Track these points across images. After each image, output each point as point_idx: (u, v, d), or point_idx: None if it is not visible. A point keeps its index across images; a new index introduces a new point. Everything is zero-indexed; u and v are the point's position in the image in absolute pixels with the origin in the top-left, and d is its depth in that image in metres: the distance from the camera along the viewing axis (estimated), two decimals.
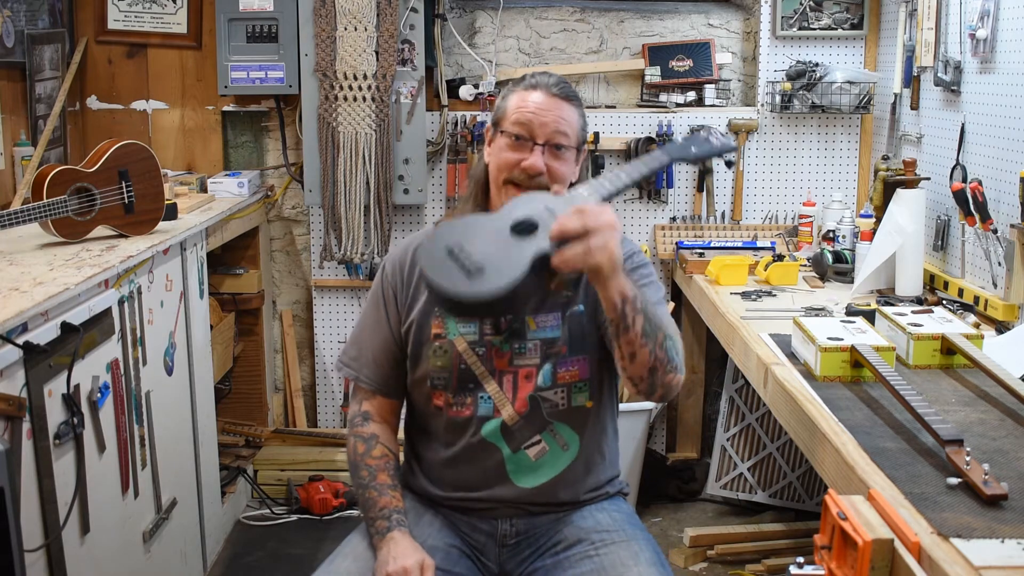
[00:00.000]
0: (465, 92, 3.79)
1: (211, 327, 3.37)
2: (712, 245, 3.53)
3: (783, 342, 2.41)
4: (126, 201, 2.86)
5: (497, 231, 1.65)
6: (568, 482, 1.95)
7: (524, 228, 1.64)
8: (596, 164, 3.76)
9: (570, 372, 1.91)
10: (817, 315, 2.64)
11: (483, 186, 1.95)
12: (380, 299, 2.00)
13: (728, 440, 3.74)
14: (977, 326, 2.50)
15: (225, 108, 3.95)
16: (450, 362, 1.91)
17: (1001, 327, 2.54)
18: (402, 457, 2.08)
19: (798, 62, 3.69)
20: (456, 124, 3.78)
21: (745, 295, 2.97)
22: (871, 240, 2.99)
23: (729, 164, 2.12)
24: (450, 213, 2.00)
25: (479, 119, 3.75)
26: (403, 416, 2.07)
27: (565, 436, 1.93)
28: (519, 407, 1.90)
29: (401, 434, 2.07)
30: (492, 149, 1.93)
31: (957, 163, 2.96)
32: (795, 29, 3.73)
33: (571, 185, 1.90)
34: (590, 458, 1.97)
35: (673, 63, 3.86)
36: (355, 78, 3.57)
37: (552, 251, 1.59)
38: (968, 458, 1.61)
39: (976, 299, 2.75)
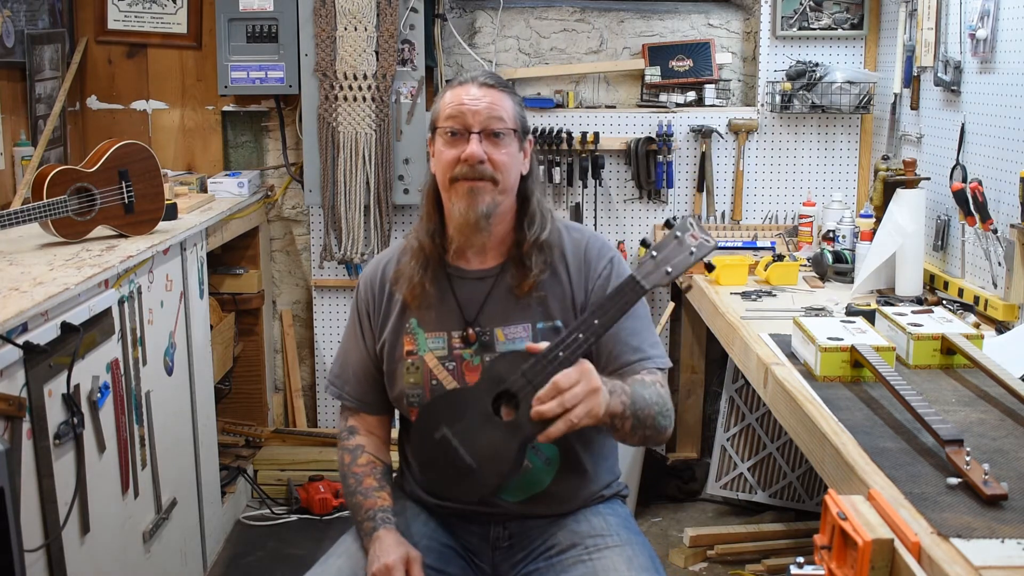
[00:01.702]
0: None
1: (211, 327, 3.37)
2: None
3: (783, 342, 2.41)
4: (126, 201, 2.86)
5: (479, 410, 1.72)
6: (556, 496, 1.93)
7: (505, 400, 1.72)
8: (596, 164, 3.76)
9: None
10: (817, 315, 2.64)
11: (434, 199, 1.93)
12: (356, 318, 2.01)
13: (728, 440, 3.74)
14: (977, 326, 2.50)
15: (225, 108, 3.95)
16: (422, 378, 1.91)
17: (1001, 327, 2.54)
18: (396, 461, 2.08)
19: (798, 62, 3.70)
20: None
21: (745, 295, 2.97)
22: (871, 240, 2.98)
23: (710, 268, 2.02)
24: (412, 231, 1.98)
25: None
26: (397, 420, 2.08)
27: (546, 452, 1.91)
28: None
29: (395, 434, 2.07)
30: (434, 156, 1.90)
31: (957, 163, 2.96)
32: (795, 29, 3.73)
33: (524, 179, 1.90)
34: (576, 471, 1.95)
35: (673, 63, 3.86)
36: (355, 78, 3.57)
37: (535, 433, 1.65)
38: (968, 458, 1.61)
39: (976, 299, 2.75)
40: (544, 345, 1.71)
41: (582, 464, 1.96)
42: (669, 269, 1.70)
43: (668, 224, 3.58)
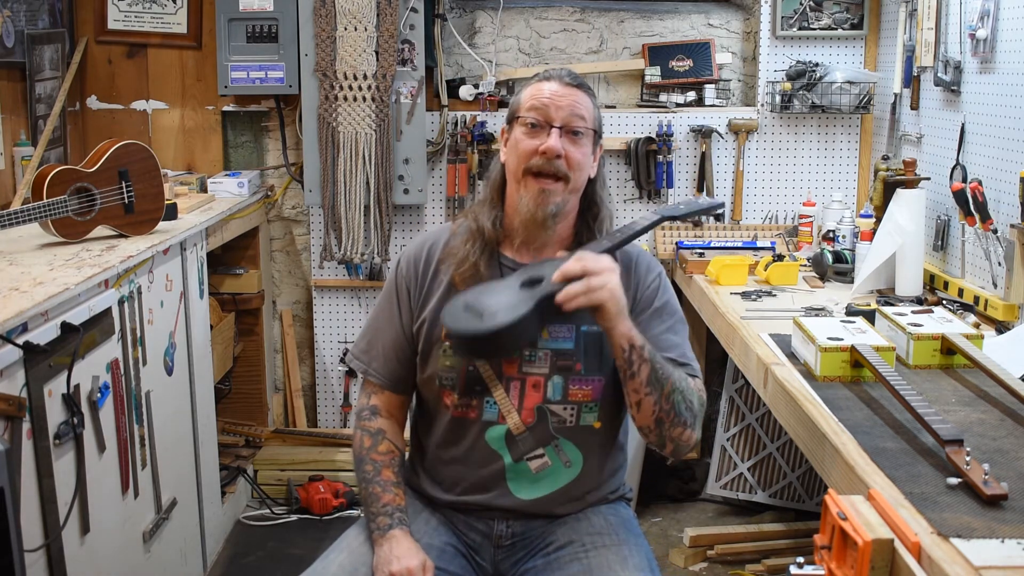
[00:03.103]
0: (465, 92, 3.79)
1: (211, 327, 3.37)
2: (712, 245, 3.53)
3: (783, 342, 2.41)
4: (126, 201, 2.86)
5: (508, 287, 1.80)
6: (567, 498, 1.94)
7: (532, 282, 1.78)
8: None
9: (583, 391, 1.90)
10: (817, 315, 2.64)
11: (499, 187, 1.94)
12: (394, 295, 1.99)
13: (728, 440, 3.74)
14: (977, 326, 2.50)
15: (225, 108, 3.95)
16: (459, 363, 1.90)
17: (1001, 327, 2.54)
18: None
19: (798, 62, 3.69)
20: (456, 124, 3.78)
21: (745, 295, 2.97)
22: (871, 240, 2.98)
23: (718, 218, 2.23)
24: (463, 213, 2.00)
25: (479, 119, 3.75)
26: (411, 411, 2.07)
27: (569, 453, 1.92)
28: (526, 418, 1.89)
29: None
30: (508, 145, 1.91)
31: (957, 163, 2.96)
32: (795, 29, 3.73)
33: (590, 181, 1.94)
34: (593, 477, 1.96)
35: (673, 63, 3.86)
36: (355, 78, 3.57)
37: (555, 290, 1.71)
38: (968, 458, 1.61)
39: (976, 299, 2.75)
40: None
41: (599, 473, 1.97)
42: (682, 206, 1.96)
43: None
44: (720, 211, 2.10)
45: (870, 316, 2.43)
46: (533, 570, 1.91)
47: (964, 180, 2.88)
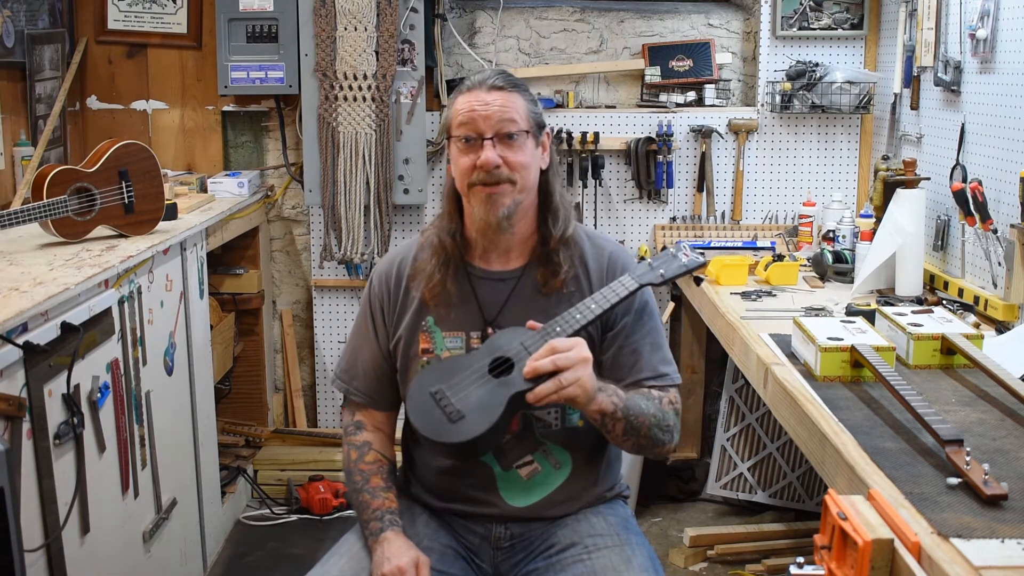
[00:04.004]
0: None
1: (211, 327, 3.37)
2: (712, 245, 3.53)
3: (783, 342, 2.41)
4: (126, 201, 2.86)
5: (476, 372, 1.79)
6: (561, 500, 1.94)
7: (500, 367, 1.78)
8: (596, 164, 3.76)
9: None
10: (817, 315, 2.64)
11: (454, 200, 1.94)
12: (368, 315, 2.00)
13: (728, 440, 3.74)
14: (977, 326, 2.50)
15: (225, 108, 3.95)
16: None
17: (1001, 327, 2.54)
18: (400, 461, 2.08)
19: (798, 62, 3.69)
20: None
21: (745, 295, 2.97)
22: (871, 240, 2.98)
23: (698, 281, 2.18)
24: (430, 225, 2.00)
25: None
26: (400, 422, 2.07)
27: (558, 456, 1.92)
28: (512, 426, 1.89)
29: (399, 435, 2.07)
30: (452, 161, 1.91)
31: (957, 163, 2.96)
32: (795, 29, 3.73)
33: (544, 172, 1.91)
34: (585, 476, 1.96)
35: (673, 63, 3.86)
36: (355, 78, 3.57)
37: (526, 389, 1.72)
38: (968, 458, 1.61)
39: (976, 299, 2.75)
40: (543, 327, 1.79)
41: (590, 470, 1.97)
42: (663, 272, 1.90)
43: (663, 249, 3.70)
44: (702, 273, 2.05)
45: (870, 316, 2.43)
46: (535, 572, 1.91)
47: (964, 180, 2.88)
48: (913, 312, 2.40)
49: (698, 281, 2.15)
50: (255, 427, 3.91)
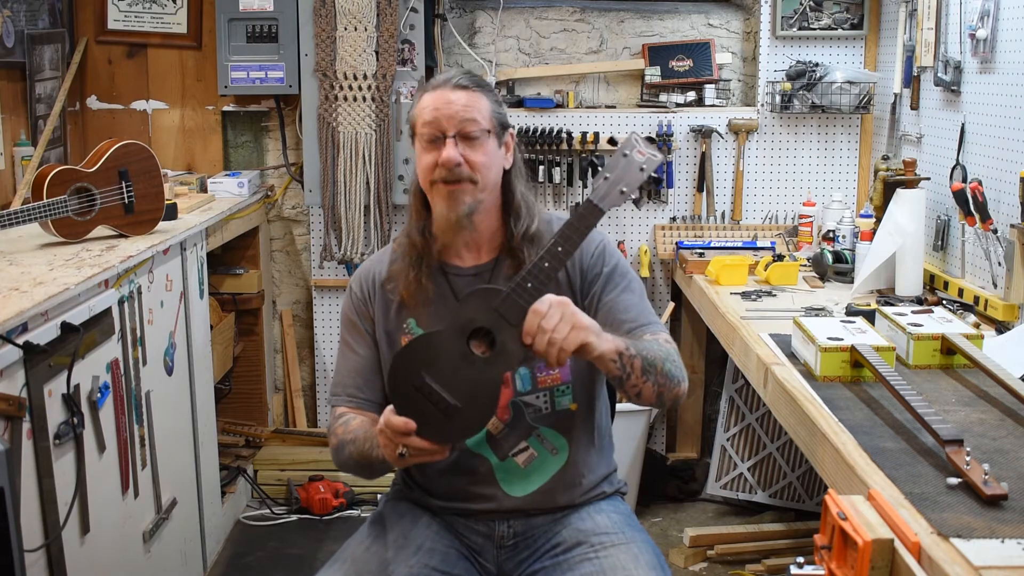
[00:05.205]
0: None
1: (211, 327, 3.37)
2: (712, 245, 3.53)
3: (783, 342, 2.41)
4: (126, 201, 2.86)
5: (456, 352, 1.69)
6: (562, 486, 1.94)
7: (479, 337, 1.70)
8: (596, 164, 3.75)
9: (551, 376, 1.91)
10: (817, 315, 2.64)
11: (421, 198, 1.96)
12: (349, 322, 2.00)
13: (728, 440, 3.74)
14: (977, 326, 2.50)
15: (225, 108, 3.95)
16: None
17: (1001, 327, 2.54)
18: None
19: (798, 62, 3.69)
20: None
21: (745, 295, 2.97)
22: (871, 240, 2.99)
23: (657, 182, 2.03)
24: (401, 234, 1.99)
25: None
26: None
27: (553, 440, 1.93)
28: (501, 414, 1.90)
29: None
30: (416, 158, 1.93)
31: (957, 163, 2.96)
32: (795, 29, 3.73)
33: (507, 172, 1.91)
34: (583, 459, 1.96)
35: (673, 63, 3.86)
36: (355, 78, 3.57)
37: (518, 364, 1.69)
38: (968, 458, 1.61)
39: (976, 299, 2.75)
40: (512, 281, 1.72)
41: (587, 454, 1.97)
42: (623, 188, 1.78)
43: (611, 141, 3.56)
44: (659, 173, 1.89)
45: (870, 316, 2.43)
46: (541, 572, 1.91)
47: (964, 180, 2.88)
48: (913, 312, 2.40)
49: (657, 182, 1.94)
50: (255, 427, 3.91)
